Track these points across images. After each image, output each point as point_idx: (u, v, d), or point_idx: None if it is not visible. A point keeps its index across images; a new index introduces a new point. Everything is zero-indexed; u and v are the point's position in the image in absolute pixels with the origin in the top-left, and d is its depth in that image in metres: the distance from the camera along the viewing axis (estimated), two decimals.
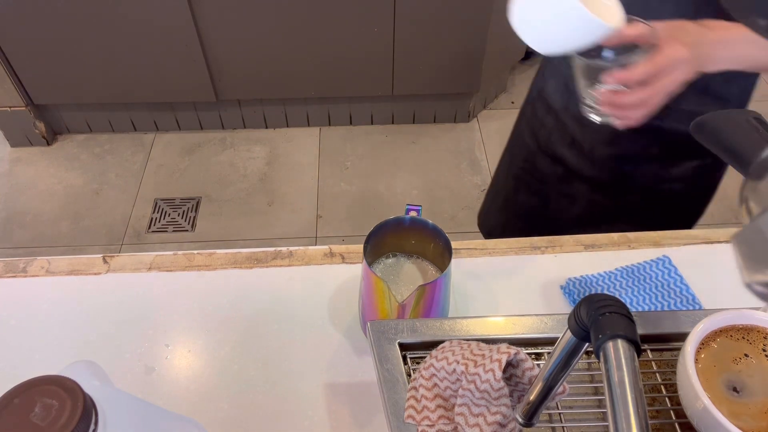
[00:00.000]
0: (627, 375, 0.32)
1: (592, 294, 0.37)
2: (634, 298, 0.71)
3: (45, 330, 0.68)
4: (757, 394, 0.50)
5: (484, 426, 0.49)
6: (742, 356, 0.53)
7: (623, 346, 0.33)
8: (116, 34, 1.96)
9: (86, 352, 0.66)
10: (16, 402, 0.34)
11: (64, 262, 0.74)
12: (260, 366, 0.65)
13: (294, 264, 0.75)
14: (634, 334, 0.33)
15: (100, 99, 2.19)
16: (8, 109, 2.15)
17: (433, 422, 0.51)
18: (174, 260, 0.75)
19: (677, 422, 0.54)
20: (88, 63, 2.04)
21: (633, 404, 0.31)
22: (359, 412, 0.61)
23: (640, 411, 0.31)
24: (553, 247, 0.78)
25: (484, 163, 2.23)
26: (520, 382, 0.51)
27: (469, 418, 0.50)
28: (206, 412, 0.61)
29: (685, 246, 0.78)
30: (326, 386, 0.63)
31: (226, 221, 2.04)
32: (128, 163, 2.24)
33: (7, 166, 2.23)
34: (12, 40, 1.97)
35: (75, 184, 2.17)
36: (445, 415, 0.52)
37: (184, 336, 0.68)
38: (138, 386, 0.63)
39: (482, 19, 1.93)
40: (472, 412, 0.50)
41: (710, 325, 0.54)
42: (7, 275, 0.73)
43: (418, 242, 0.66)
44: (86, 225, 2.04)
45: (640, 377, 0.33)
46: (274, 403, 0.62)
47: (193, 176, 2.19)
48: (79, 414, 0.34)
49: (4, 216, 2.07)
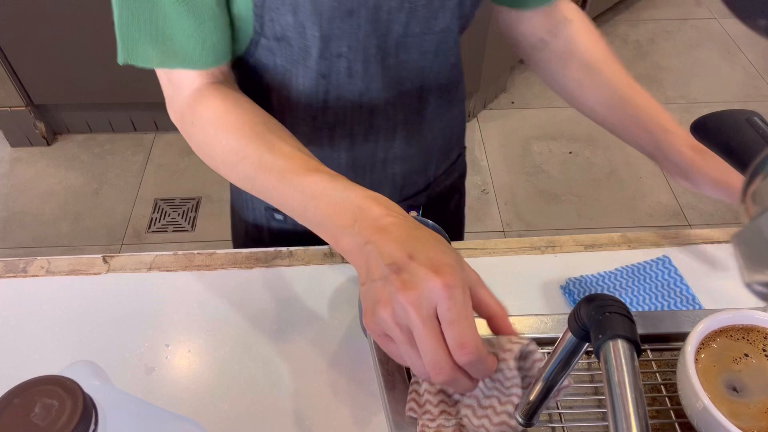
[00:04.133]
0: (627, 375, 0.32)
1: (592, 294, 0.37)
2: (634, 298, 0.71)
3: (45, 330, 0.68)
4: (757, 394, 0.50)
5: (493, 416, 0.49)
6: (742, 356, 0.53)
7: (623, 346, 0.33)
8: None
9: (86, 352, 0.66)
10: (16, 402, 0.34)
11: (64, 262, 0.74)
12: (260, 366, 0.65)
13: (294, 264, 0.75)
14: (635, 334, 0.34)
15: (100, 99, 2.19)
16: (8, 109, 2.15)
17: (434, 416, 0.51)
18: (174, 260, 0.75)
19: (677, 422, 0.54)
20: (88, 63, 2.04)
21: (633, 404, 0.31)
22: (359, 412, 0.61)
23: (641, 411, 0.31)
24: (553, 247, 0.78)
25: (484, 163, 2.23)
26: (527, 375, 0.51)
27: (478, 410, 0.50)
28: (206, 412, 0.61)
29: (685, 246, 0.78)
30: (326, 386, 0.63)
31: (226, 221, 2.03)
32: (128, 163, 2.24)
33: (7, 166, 2.23)
34: (12, 40, 1.97)
35: (75, 184, 2.17)
36: (447, 410, 0.52)
37: (184, 336, 0.68)
38: (138, 386, 0.63)
39: (482, 20, 1.93)
40: (481, 404, 0.50)
41: (710, 325, 0.54)
42: (7, 275, 0.73)
43: None
44: (86, 225, 2.04)
45: (640, 377, 0.33)
46: (274, 403, 0.62)
47: (193, 176, 2.19)
48: (79, 414, 0.34)
49: (4, 216, 2.07)
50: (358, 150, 0.75)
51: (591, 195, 2.18)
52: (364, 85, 0.68)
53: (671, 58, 2.76)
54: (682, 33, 2.91)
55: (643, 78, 2.64)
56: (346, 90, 0.68)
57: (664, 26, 2.94)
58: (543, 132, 2.38)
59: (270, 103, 0.72)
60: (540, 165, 2.27)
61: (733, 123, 0.48)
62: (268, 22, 0.60)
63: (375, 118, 0.73)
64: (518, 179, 2.23)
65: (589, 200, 2.16)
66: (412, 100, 0.73)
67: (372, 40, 0.63)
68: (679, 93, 2.58)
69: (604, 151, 2.32)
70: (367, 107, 0.71)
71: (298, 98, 0.69)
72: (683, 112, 2.47)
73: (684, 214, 2.08)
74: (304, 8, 0.58)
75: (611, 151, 2.32)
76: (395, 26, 0.63)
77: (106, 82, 2.10)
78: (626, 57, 2.75)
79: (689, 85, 2.62)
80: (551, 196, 2.18)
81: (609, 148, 2.33)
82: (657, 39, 2.86)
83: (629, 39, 2.86)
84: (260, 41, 0.63)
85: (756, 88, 2.62)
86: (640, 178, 2.22)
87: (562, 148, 2.34)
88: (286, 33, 0.61)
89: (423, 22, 0.64)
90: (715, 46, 2.82)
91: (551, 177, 2.24)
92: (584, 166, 2.28)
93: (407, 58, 0.67)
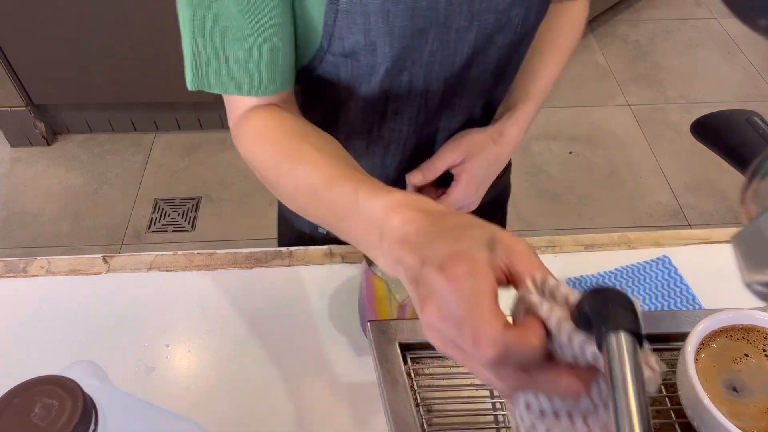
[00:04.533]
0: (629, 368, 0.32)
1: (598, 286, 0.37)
2: None
3: (45, 330, 0.68)
4: (757, 394, 0.50)
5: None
6: (742, 356, 0.53)
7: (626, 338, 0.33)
8: (116, 34, 1.96)
9: (86, 352, 0.66)
10: (16, 402, 0.34)
11: (64, 262, 0.74)
12: (260, 366, 0.65)
13: (294, 264, 0.75)
14: (638, 327, 0.33)
15: (100, 99, 2.19)
16: (8, 109, 2.15)
17: None
18: (174, 260, 0.75)
19: (677, 422, 0.54)
20: (88, 63, 2.04)
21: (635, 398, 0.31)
22: (359, 412, 0.61)
23: (643, 405, 0.31)
24: (553, 247, 0.78)
25: None
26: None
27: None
28: (206, 412, 0.61)
29: (685, 246, 0.78)
30: (326, 386, 0.63)
31: (226, 221, 2.04)
32: (128, 163, 2.24)
33: (7, 166, 2.23)
34: (12, 40, 1.97)
35: (75, 184, 2.17)
36: None
37: (184, 336, 0.68)
38: (138, 386, 0.63)
39: None
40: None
41: (710, 325, 0.54)
42: (7, 275, 0.73)
43: None
44: (86, 225, 2.04)
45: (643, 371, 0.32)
46: (274, 403, 0.62)
47: (193, 176, 2.19)
48: (79, 414, 0.34)
49: (4, 216, 2.07)
50: (410, 167, 0.73)
51: (591, 195, 2.18)
52: (423, 102, 0.68)
53: (671, 58, 2.76)
54: (682, 33, 2.91)
55: (643, 78, 2.64)
56: (405, 105, 0.68)
57: (664, 26, 2.94)
58: (543, 132, 2.38)
59: (327, 116, 0.72)
60: (540, 165, 2.27)
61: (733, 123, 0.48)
62: (337, 40, 0.60)
63: (430, 135, 0.73)
64: (518, 179, 2.23)
65: (589, 200, 2.16)
66: (469, 118, 0.73)
67: (437, 57, 0.63)
68: (679, 93, 2.58)
69: (604, 151, 2.32)
70: (423, 123, 0.72)
71: (356, 112, 0.70)
72: (683, 112, 2.47)
73: (684, 214, 2.08)
74: (376, 27, 0.58)
75: (611, 151, 2.32)
76: (462, 45, 0.63)
77: (106, 82, 2.10)
78: (626, 57, 2.75)
79: (689, 85, 2.62)
80: (551, 196, 2.18)
81: (609, 148, 2.33)
82: (657, 39, 2.86)
83: (629, 39, 2.86)
84: (326, 57, 0.63)
85: (756, 88, 2.62)
86: (640, 178, 2.22)
87: (562, 148, 2.34)
88: (355, 50, 0.61)
89: (491, 42, 0.64)
90: (715, 46, 2.82)
91: (551, 177, 2.24)
92: (584, 166, 2.28)
93: (469, 76, 0.67)
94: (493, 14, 0.61)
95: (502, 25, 0.63)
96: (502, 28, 0.63)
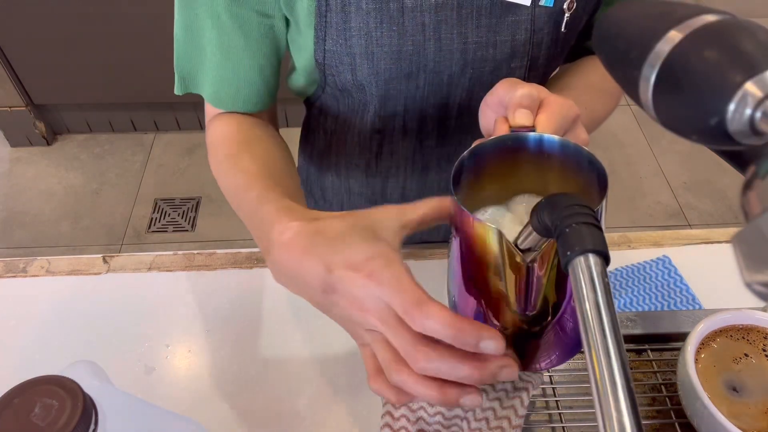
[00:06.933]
0: (600, 294, 0.29)
1: (554, 196, 0.34)
2: (634, 298, 0.71)
3: (45, 330, 0.68)
4: (757, 394, 0.50)
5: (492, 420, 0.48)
6: (742, 356, 0.53)
7: (594, 261, 0.30)
8: (116, 35, 1.96)
9: (86, 352, 0.66)
10: (16, 402, 0.34)
11: (64, 262, 0.74)
12: (260, 366, 0.65)
13: None
14: (605, 246, 0.31)
15: (100, 99, 2.19)
16: (8, 109, 2.15)
17: None
18: (174, 260, 0.75)
19: (677, 422, 0.54)
20: (88, 63, 2.04)
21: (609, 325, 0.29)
22: (359, 412, 0.61)
23: (616, 330, 0.29)
24: None
25: None
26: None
27: (473, 422, 0.49)
28: (206, 412, 0.61)
29: (685, 246, 0.77)
30: (326, 386, 0.63)
31: (226, 221, 2.04)
32: (128, 163, 2.24)
33: (7, 166, 2.23)
34: (12, 40, 1.97)
35: (75, 184, 2.17)
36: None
37: (184, 336, 0.68)
38: (138, 386, 0.63)
39: None
40: (476, 417, 0.50)
41: (710, 325, 0.54)
42: (7, 275, 0.73)
43: (542, 178, 0.44)
44: (86, 225, 2.04)
45: (612, 294, 0.30)
46: (274, 403, 0.62)
47: (193, 176, 2.19)
48: (79, 414, 0.34)
49: (4, 216, 2.07)
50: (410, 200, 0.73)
51: None
52: (418, 142, 0.68)
53: None
54: None
55: None
56: (399, 146, 0.69)
57: None
58: None
59: (330, 146, 0.73)
60: None
61: None
62: (330, 76, 0.62)
63: (428, 175, 0.73)
64: None
65: None
66: None
67: (430, 101, 0.63)
68: None
69: (604, 151, 2.32)
70: (420, 163, 0.71)
71: (354, 145, 0.71)
72: None
73: (684, 214, 2.08)
74: (362, 69, 0.58)
75: (611, 151, 2.32)
76: (457, 90, 0.62)
77: (106, 82, 2.10)
78: None
79: None
80: None
81: (609, 148, 2.33)
82: None
83: None
84: (326, 88, 0.65)
85: None
86: (640, 178, 2.22)
87: None
88: (347, 87, 0.63)
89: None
90: None
91: None
92: None
93: (468, 122, 0.66)
94: (491, 63, 0.60)
95: (503, 74, 0.61)
96: (502, 77, 0.60)
